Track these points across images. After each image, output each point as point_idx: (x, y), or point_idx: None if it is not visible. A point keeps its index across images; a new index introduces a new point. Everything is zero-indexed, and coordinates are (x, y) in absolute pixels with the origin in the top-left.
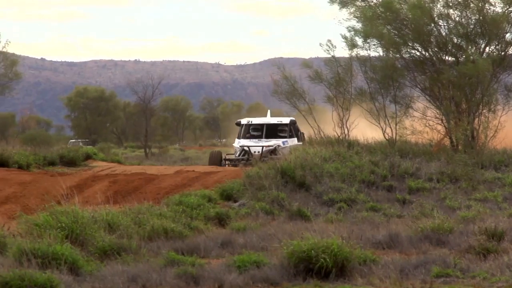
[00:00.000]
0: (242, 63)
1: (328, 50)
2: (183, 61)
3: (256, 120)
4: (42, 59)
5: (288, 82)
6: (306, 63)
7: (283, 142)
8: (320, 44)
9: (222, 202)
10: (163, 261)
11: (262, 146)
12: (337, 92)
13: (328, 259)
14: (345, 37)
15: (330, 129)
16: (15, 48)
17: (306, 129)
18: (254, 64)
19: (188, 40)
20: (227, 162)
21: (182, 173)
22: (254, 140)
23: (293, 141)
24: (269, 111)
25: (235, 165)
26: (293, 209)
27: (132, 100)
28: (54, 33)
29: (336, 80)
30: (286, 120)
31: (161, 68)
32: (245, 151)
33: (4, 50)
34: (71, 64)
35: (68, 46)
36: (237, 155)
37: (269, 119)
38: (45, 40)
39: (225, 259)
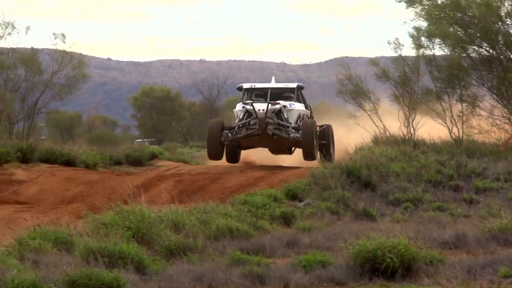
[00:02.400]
0: (308, 63)
1: (395, 49)
2: (248, 61)
3: (259, 85)
4: (109, 59)
5: (353, 81)
6: (373, 61)
7: (290, 104)
8: (388, 42)
9: (287, 202)
10: (229, 260)
11: (268, 103)
12: (403, 91)
13: (394, 259)
14: (412, 36)
15: (396, 128)
16: (82, 48)
17: (371, 128)
18: (320, 63)
19: (253, 39)
20: (227, 133)
21: (247, 172)
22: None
23: (301, 107)
24: (273, 77)
25: (237, 134)
26: (358, 208)
27: (198, 99)
28: (119, 33)
29: (402, 79)
30: (292, 84)
31: (226, 68)
32: (248, 111)
33: (70, 50)
34: (137, 64)
35: (134, 46)
36: (239, 118)
37: (273, 84)
38: (111, 40)
39: (291, 259)
